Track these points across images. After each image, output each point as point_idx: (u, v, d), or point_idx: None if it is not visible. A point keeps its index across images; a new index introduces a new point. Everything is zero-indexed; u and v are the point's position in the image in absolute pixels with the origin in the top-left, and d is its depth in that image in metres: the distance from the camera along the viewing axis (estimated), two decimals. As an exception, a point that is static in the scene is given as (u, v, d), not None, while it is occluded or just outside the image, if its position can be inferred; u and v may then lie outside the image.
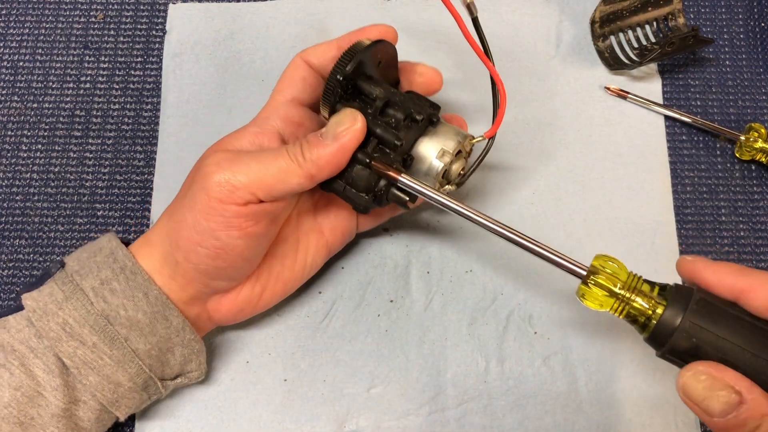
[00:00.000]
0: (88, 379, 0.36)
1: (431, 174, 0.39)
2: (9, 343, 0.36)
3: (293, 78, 0.40)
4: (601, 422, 0.43)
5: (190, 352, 0.39)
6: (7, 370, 0.36)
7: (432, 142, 0.39)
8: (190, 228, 0.36)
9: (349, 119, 0.36)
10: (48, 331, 0.36)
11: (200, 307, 0.40)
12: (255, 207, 0.36)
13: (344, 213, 0.43)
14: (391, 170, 0.38)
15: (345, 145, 0.36)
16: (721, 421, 0.30)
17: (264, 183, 0.35)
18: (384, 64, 0.40)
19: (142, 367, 0.37)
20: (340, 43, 0.39)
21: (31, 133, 0.50)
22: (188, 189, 0.38)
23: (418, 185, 0.38)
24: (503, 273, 0.46)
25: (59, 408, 0.36)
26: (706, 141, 0.50)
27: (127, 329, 0.37)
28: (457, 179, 0.41)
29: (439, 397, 0.44)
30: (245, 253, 0.37)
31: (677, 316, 0.33)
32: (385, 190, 0.38)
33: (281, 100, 0.41)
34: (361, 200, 0.38)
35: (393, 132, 0.38)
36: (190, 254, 0.37)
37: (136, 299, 0.37)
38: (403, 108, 0.38)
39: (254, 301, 0.41)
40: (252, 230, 0.36)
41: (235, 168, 0.35)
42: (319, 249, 0.43)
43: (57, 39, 0.52)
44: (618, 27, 0.51)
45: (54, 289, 0.37)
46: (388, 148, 0.38)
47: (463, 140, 0.40)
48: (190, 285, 0.38)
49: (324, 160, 0.36)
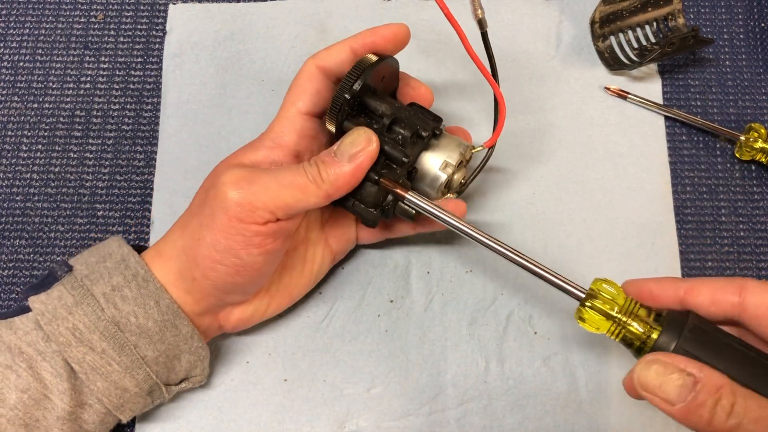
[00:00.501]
0: (96, 384, 0.36)
1: (435, 185, 0.40)
2: (17, 345, 0.36)
3: (308, 90, 0.39)
4: (601, 422, 0.43)
5: (197, 359, 0.39)
6: (14, 372, 0.36)
7: (435, 155, 0.40)
8: (210, 247, 0.36)
9: (364, 140, 0.37)
10: (57, 335, 0.36)
11: (211, 318, 0.40)
12: (273, 226, 0.36)
13: (348, 223, 0.44)
14: (399, 188, 0.38)
15: (361, 166, 0.37)
16: (682, 407, 0.30)
17: (283, 202, 0.36)
18: (387, 78, 0.40)
19: (149, 373, 0.37)
20: (352, 44, 0.39)
21: (31, 134, 0.50)
22: (203, 205, 0.38)
23: (424, 203, 0.38)
24: (503, 273, 0.46)
25: (65, 411, 0.36)
26: (706, 141, 0.50)
27: (137, 336, 0.37)
28: (458, 188, 0.42)
29: (439, 398, 0.44)
30: (263, 269, 0.38)
31: (671, 342, 0.33)
32: (392, 204, 0.39)
33: (295, 112, 0.40)
34: (370, 215, 0.39)
35: (401, 149, 0.38)
36: (209, 272, 0.37)
37: (147, 307, 0.37)
38: (409, 125, 0.39)
39: (263, 310, 0.42)
40: (271, 247, 0.37)
41: (254, 188, 0.36)
42: (325, 258, 0.44)
43: (57, 39, 0.52)
44: (618, 27, 0.51)
45: (63, 293, 0.37)
46: (396, 164, 0.39)
47: (465, 151, 0.40)
48: (204, 300, 0.39)
49: (341, 181, 0.36)
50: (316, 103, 0.40)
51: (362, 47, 0.39)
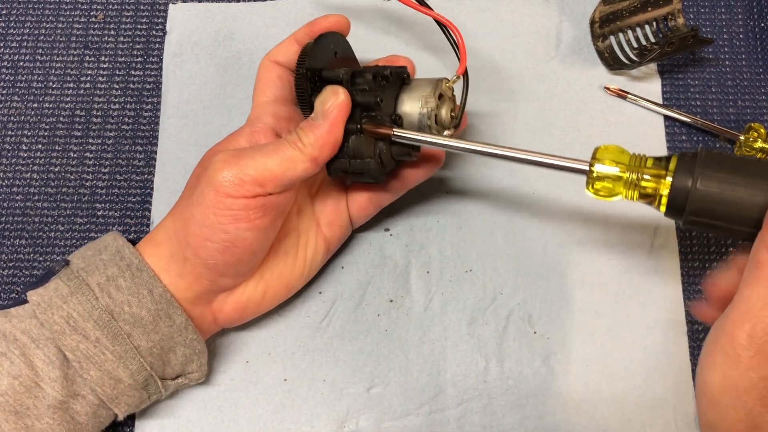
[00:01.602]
0: (89, 373, 0.36)
1: (424, 123, 0.41)
2: (11, 333, 0.36)
3: (269, 79, 0.42)
4: (601, 422, 0.43)
5: (192, 353, 0.39)
6: (8, 358, 0.36)
7: (411, 96, 0.41)
8: (199, 223, 0.37)
9: (331, 95, 0.38)
10: (51, 323, 0.36)
11: (205, 307, 0.40)
12: (263, 199, 0.37)
13: (339, 206, 0.44)
14: (383, 128, 0.39)
15: (335, 119, 0.38)
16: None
17: (272, 173, 0.36)
18: (341, 55, 0.42)
19: (143, 364, 0.37)
20: (297, 36, 0.42)
21: (31, 133, 0.50)
22: (193, 188, 0.38)
23: (413, 134, 0.39)
24: (503, 273, 0.46)
25: (56, 400, 0.36)
26: (705, 141, 0.50)
27: (131, 326, 0.37)
28: (451, 122, 0.42)
29: (439, 397, 0.44)
30: (253, 247, 0.38)
31: (688, 178, 0.33)
32: (386, 150, 0.40)
33: (265, 101, 0.42)
34: (370, 165, 0.39)
35: (370, 93, 0.39)
36: (199, 250, 0.37)
37: (140, 296, 0.37)
38: (369, 71, 0.40)
39: (257, 301, 0.41)
40: (260, 222, 0.37)
41: (242, 162, 0.36)
42: (319, 246, 0.43)
43: (57, 39, 0.52)
44: (618, 27, 0.51)
45: (59, 285, 0.37)
46: (373, 110, 0.39)
47: (438, 83, 0.41)
48: (197, 283, 0.39)
49: (322, 140, 0.37)
50: (281, 87, 0.42)
51: (305, 37, 0.41)
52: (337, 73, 0.40)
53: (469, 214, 0.48)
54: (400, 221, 0.47)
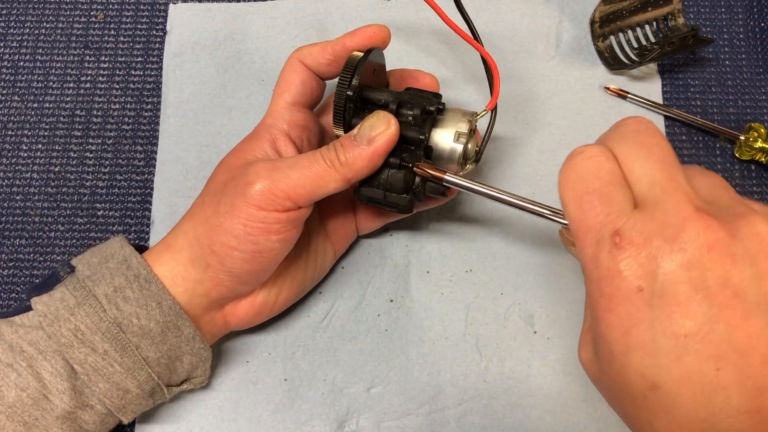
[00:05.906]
0: (98, 385, 0.36)
1: (453, 158, 0.40)
2: (18, 344, 0.36)
3: (293, 81, 0.41)
4: (601, 422, 0.43)
5: (198, 360, 0.39)
6: (15, 370, 0.36)
7: (445, 129, 0.40)
8: (227, 233, 0.37)
9: (383, 123, 0.37)
10: (59, 336, 0.36)
11: (216, 311, 0.40)
12: (294, 213, 0.37)
13: (347, 215, 0.44)
14: (437, 171, 0.38)
15: (380, 149, 0.37)
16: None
17: (303, 189, 0.36)
18: (377, 71, 0.41)
19: (151, 375, 0.37)
20: (334, 47, 0.40)
21: (31, 133, 0.50)
22: (221, 194, 0.38)
23: (463, 181, 0.38)
24: (503, 273, 0.46)
25: (64, 411, 0.36)
26: (705, 141, 0.50)
27: (139, 338, 0.37)
28: (474, 156, 0.42)
29: (439, 397, 0.44)
30: (278, 257, 0.38)
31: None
32: (421, 186, 0.39)
33: (283, 105, 0.41)
34: (404, 201, 0.39)
35: (415, 128, 0.39)
36: (225, 258, 0.37)
37: (149, 308, 0.37)
38: (416, 104, 0.39)
39: (270, 304, 0.42)
40: (289, 234, 0.37)
41: (274, 176, 0.36)
42: (327, 251, 0.44)
43: (57, 39, 0.52)
44: (618, 27, 0.51)
45: (66, 294, 0.37)
46: (413, 144, 0.39)
47: (471, 118, 0.41)
48: (215, 289, 0.39)
49: (360, 164, 0.37)
50: (302, 92, 0.41)
51: (342, 49, 0.40)
52: (380, 97, 0.39)
53: (469, 215, 0.48)
54: (401, 221, 0.47)
